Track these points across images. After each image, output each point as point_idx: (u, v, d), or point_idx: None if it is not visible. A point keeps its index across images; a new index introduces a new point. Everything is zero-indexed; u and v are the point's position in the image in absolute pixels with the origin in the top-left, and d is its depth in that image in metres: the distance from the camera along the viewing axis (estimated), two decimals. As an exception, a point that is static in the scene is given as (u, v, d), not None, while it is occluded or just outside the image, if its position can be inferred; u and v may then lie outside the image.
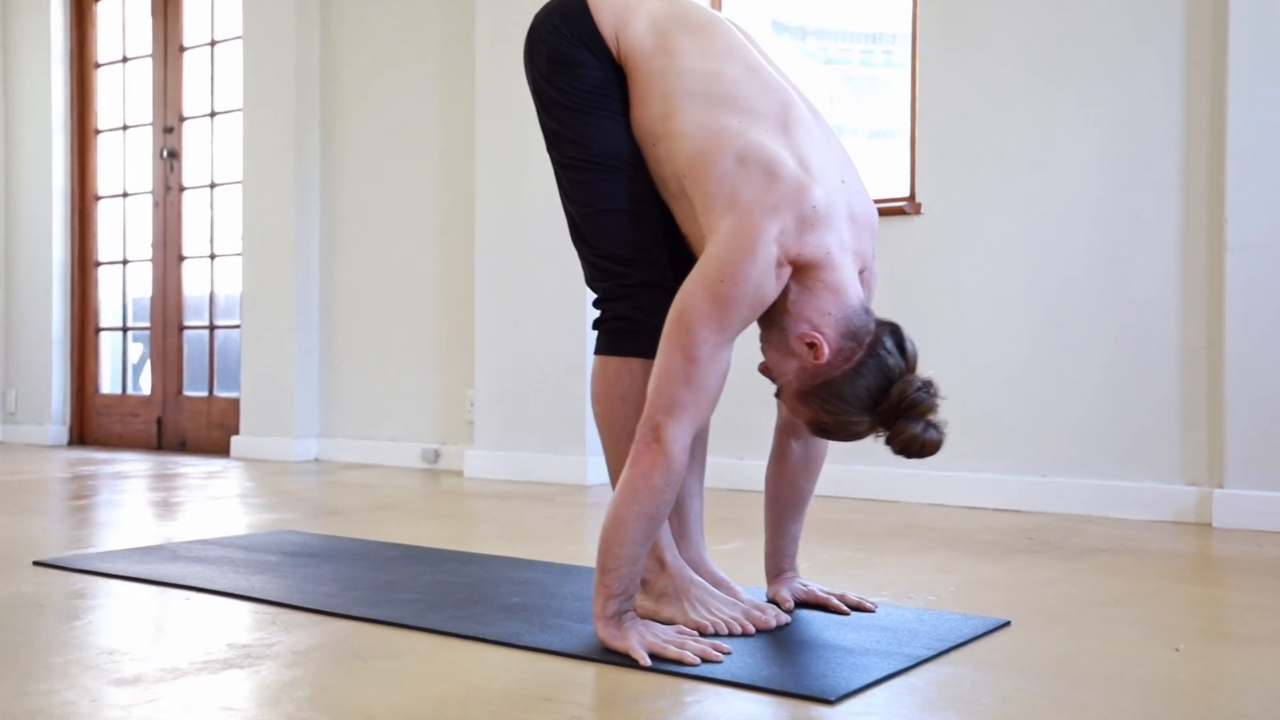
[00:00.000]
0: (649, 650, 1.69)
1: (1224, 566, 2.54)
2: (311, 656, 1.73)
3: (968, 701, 1.51)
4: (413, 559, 2.53)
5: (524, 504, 3.61)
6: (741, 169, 1.75)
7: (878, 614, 2.00)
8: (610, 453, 1.95)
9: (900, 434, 1.69)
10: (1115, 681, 1.60)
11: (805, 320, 1.74)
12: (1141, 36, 3.29)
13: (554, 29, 1.94)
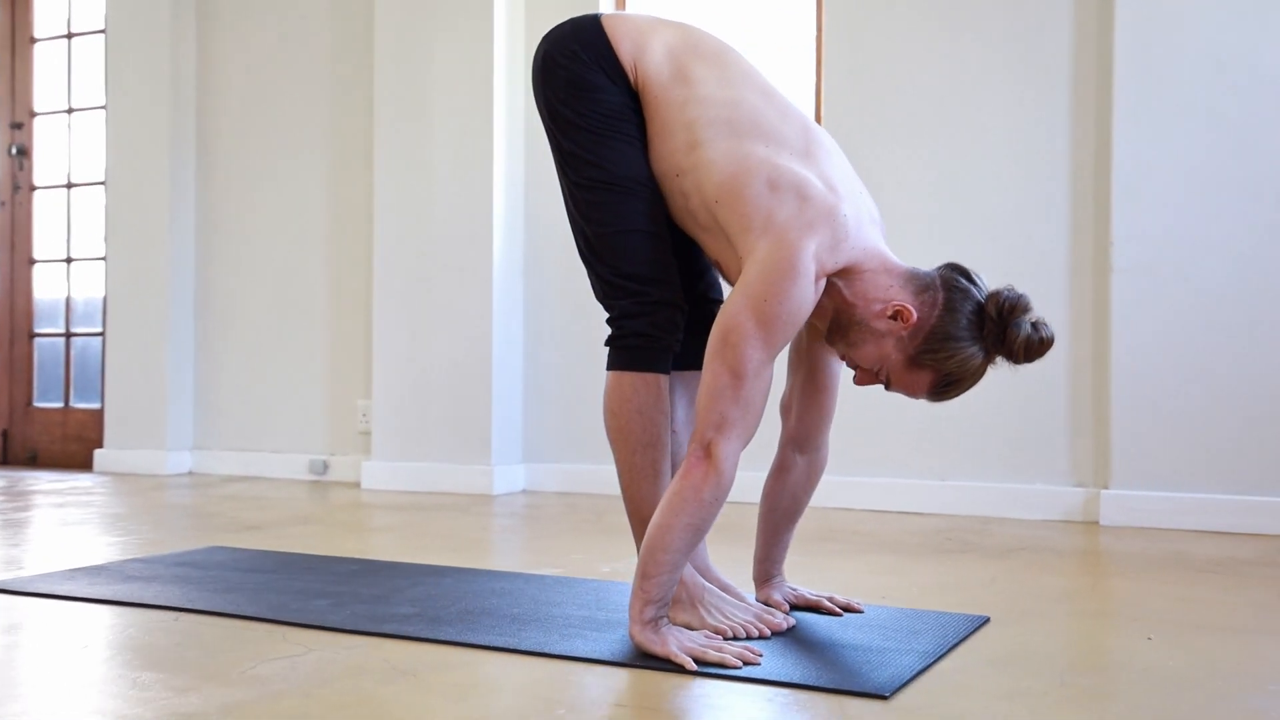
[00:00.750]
0: (689, 655, 1.76)
1: (1138, 561, 2.78)
2: (356, 675, 1.72)
3: (1009, 690, 1.64)
4: (379, 572, 2.51)
5: (445, 515, 3.61)
6: (774, 193, 1.83)
7: (868, 614, 2.12)
8: (625, 465, 2.01)
9: (1014, 341, 1.80)
10: (1122, 670, 1.76)
11: (876, 301, 1.84)
12: (1032, 72, 3.54)
13: (572, 54, 1.99)
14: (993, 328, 1.82)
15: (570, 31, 2.03)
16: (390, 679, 1.70)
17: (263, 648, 1.88)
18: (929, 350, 1.83)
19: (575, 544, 3.03)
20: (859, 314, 1.86)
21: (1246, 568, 2.68)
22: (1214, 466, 3.27)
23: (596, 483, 4.13)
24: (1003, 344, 1.82)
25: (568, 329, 4.24)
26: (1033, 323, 1.81)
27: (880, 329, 1.85)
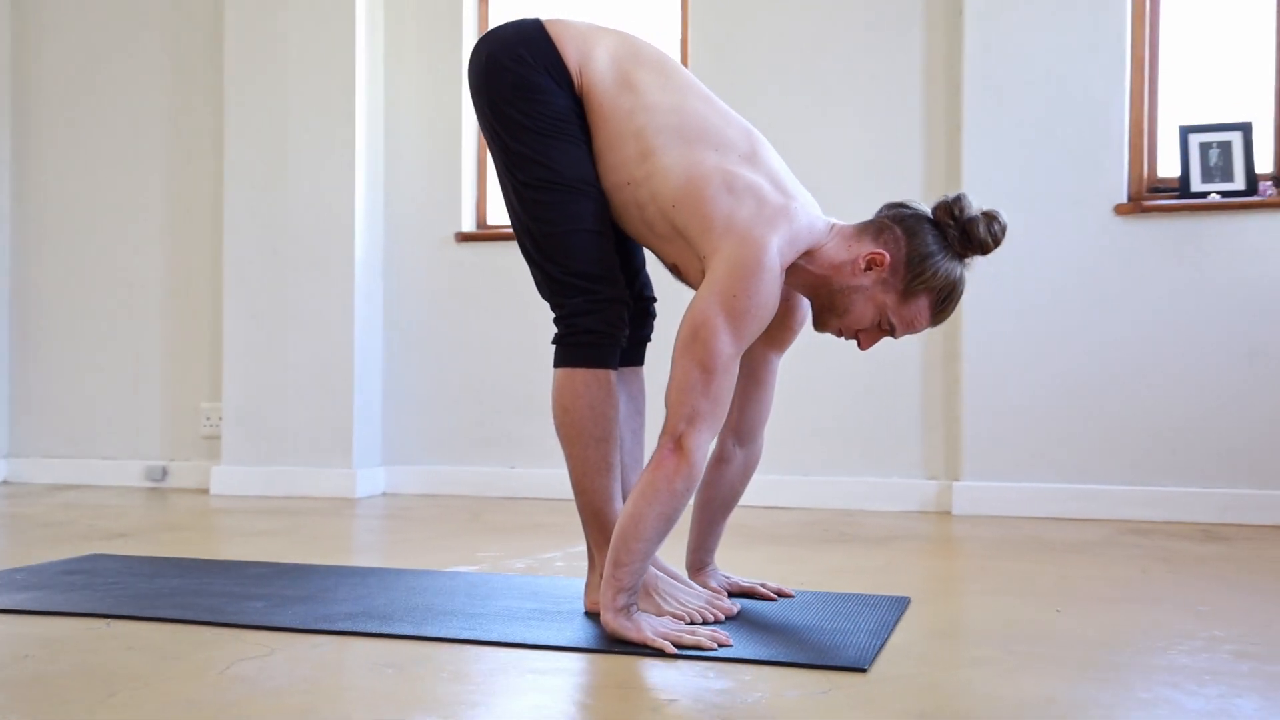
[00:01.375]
0: (667, 639, 1.82)
1: (1005, 546, 3.00)
2: (341, 671, 1.71)
3: (967, 659, 1.78)
4: (291, 574, 2.46)
5: (318, 518, 3.53)
6: (732, 195, 1.92)
7: (799, 599, 2.23)
8: (577, 460, 2.05)
9: (978, 235, 1.91)
10: (1050, 638, 1.94)
11: (845, 264, 1.94)
12: (888, 90, 3.77)
13: (518, 58, 2.02)
14: (954, 233, 1.93)
15: (514, 35, 2.06)
16: (377, 672, 1.70)
17: (227, 650, 1.83)
18: (915, 276, 1.93)
19: (472, 542, 3.03)
20: (836, 281, 1.96)
21: (1099, 548, 2.94)
22: (1054, 459, 3.56)
23: (458, 484, 4.12)
24: (971, 242, 1.93)
25: (428, 328, 4.21)
26: (983, 213, 1.93)
27: (863, 283, 1.95)
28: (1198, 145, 3.55)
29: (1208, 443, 3.45)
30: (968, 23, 3.64)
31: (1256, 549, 2.94)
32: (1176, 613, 2.15)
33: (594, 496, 2.06)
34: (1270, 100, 3.55)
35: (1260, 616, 2.13)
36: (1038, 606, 2.21)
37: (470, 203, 4.23)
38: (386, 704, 1.55)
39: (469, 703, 1.57)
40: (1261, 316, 3.42)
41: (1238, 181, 3.49)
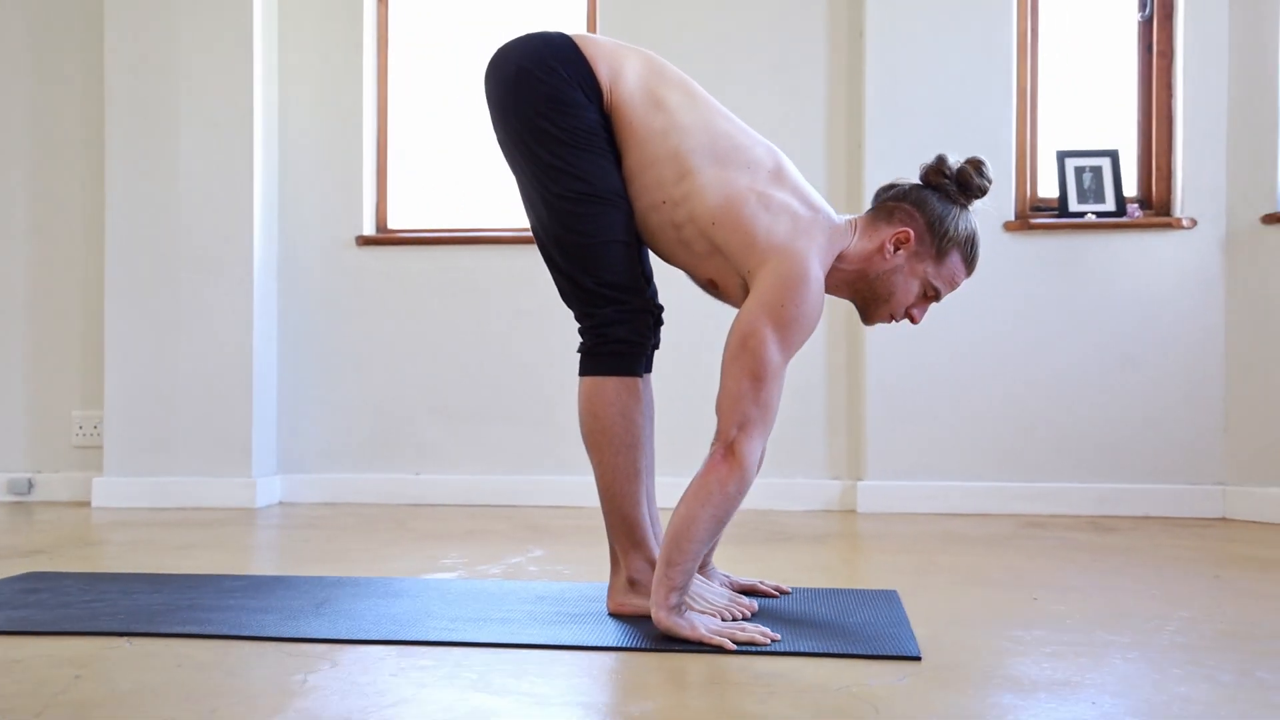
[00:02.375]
0: (722, 636, 1.89)
1: (927, 540, 3.20)
2: (433, 681, 1.70)
3: (998, 645, 1.92)
4: (268, 585, 2.39)
5: (234, 529, 3.41)
6: (769, 212, 2.01)
7: (796, 595, 2.34)
8: (607, 466, 2.10)
9: (973, 182, 2.05)
10: (1048, 621, 2.11)
11: (874, 253, 2.05)
12: (792, 113, 3.94)
13: (551, 70, 2.05)
14: (951, 187, 2.07)
15: (545, 48, 2.09)
16: (456, 676, 1.70)
17: (282, 663, 1.78)
18: (941, 237, 2.05)
19: (423, 549, 3.00)
20: (872, 271, 2.07)
21: (1012, 540, 3.18)
22: (950, 458, 3.81)
23: (359, 492, 4.05)
24: (969, 189, 2.06)
25: (326, 333, 4.12)
26: (969, 161, 2.07)
27: (898, 263, 2.06)
28: (1073, 169, 3.87)
29: (1088, 441, 3.77)
30: (869, 51, 3.85)
31: (1148, 538, 3.24)
32: (1138, 597, 2.37)
33: (623, 501, 2.11)
34: (1134, 130, 3.90)
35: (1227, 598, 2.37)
36: (1014, 594, 2.39)
37: (371, 206, 4.16)
38: (496, 703, 1.56)
39: (589, 704, 1.60)
40: (1133, 326, 3.76)
41: (1109, 203, 3.83)
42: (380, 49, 4.19)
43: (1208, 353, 3.75)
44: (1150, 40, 3.89)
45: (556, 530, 3.39)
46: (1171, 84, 3.85)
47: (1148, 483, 3.74)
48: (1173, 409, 3.76)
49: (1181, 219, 3.75)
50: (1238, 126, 3.74)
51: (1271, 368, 3.64)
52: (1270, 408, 3.64)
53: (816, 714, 1.54)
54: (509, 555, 2.90)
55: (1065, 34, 3.95)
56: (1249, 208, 3.71)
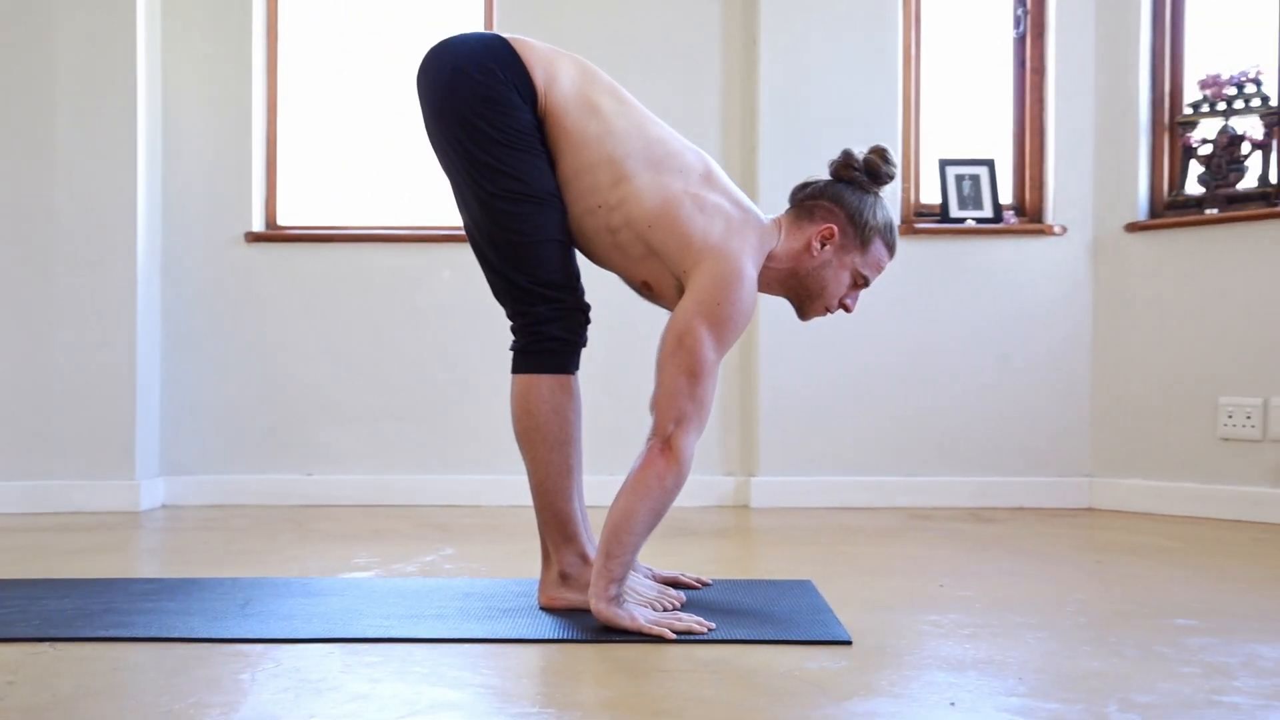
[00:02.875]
0: (660, 626, 1.94)
1: (829, 532, 3.31)
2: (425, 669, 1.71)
3: (920, 629, 2.02)
4: (197, 588, 2.34)
5: (124, 533, 3.30)
6: (703, 215, 2.06)
7: (717, 586, 2.41)
8: (540, 462, 2.13)
9: (882, 170, 2.15)
10: (960, 605, 2.22)
11: (800, 252, 2.13)
12: (689, 118, 4.02)
13: (488, 70, 2.07)
14: (863, 178, 2.16)
15: (481, 48, 2.11)
16: (407, 671, 1.71)
17: (222, 664, 1.76)
18: (863, 228, 2.14)
19: (332, 550, 2.97)
20: (802, 269, 2.14)
21: (910, 532, 3.32)
22: (839, 454, 3.94)
23: (247, 493, 3.96)
24: (879, 177, 2.16)
25: (213, 331, 4.02)
26: (873, 150, 2.17)
27: (825, 258, 2.14)
28: (954, 176, 4.05)
29: (967, 437, 3.95)
30: (762, 59, 3.95)
31: (1026, 527, 3.42)
32: (1034, 582, 2.52)
33: (556, 497, 2.14)
34: (1009, 141, 4.11)
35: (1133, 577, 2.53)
36: (920, 581, 2.50)
37: (260, 202, 4.08)
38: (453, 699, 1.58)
39: (547, 695, 1.63)
40: (1008, 327, 3.96)
41: (986, 210, 4.02)
42: (270, 39, 4.10)
43: (1076, 353, 3.97)
44: (1024, 56, 4.09)
45: (462, 529, 3.39)
46: (1043, 98, 4.06)
47: (1021, 475, 3.94)
48: (1044, 406, 3.97)
49: (1053, 226, 3.97)
50: (1103, 140, 3.97)
51: (1133, 367, 3.88)
52: (1132, 405, 3.88)
53: (769, 697, 1.61)
54: (421, 554, 2.90)
55: (946, 48, 4.13)
56: (1114, 216, 3.94)
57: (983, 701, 1.59)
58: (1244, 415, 3.62)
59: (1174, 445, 3.78)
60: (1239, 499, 3.62)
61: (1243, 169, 3.75)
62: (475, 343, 4.00)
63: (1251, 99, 3.74)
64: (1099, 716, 1.51)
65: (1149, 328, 3.86)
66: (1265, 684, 1.68)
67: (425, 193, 4.10)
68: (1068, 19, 4.00)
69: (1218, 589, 2.43)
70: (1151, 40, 3.91)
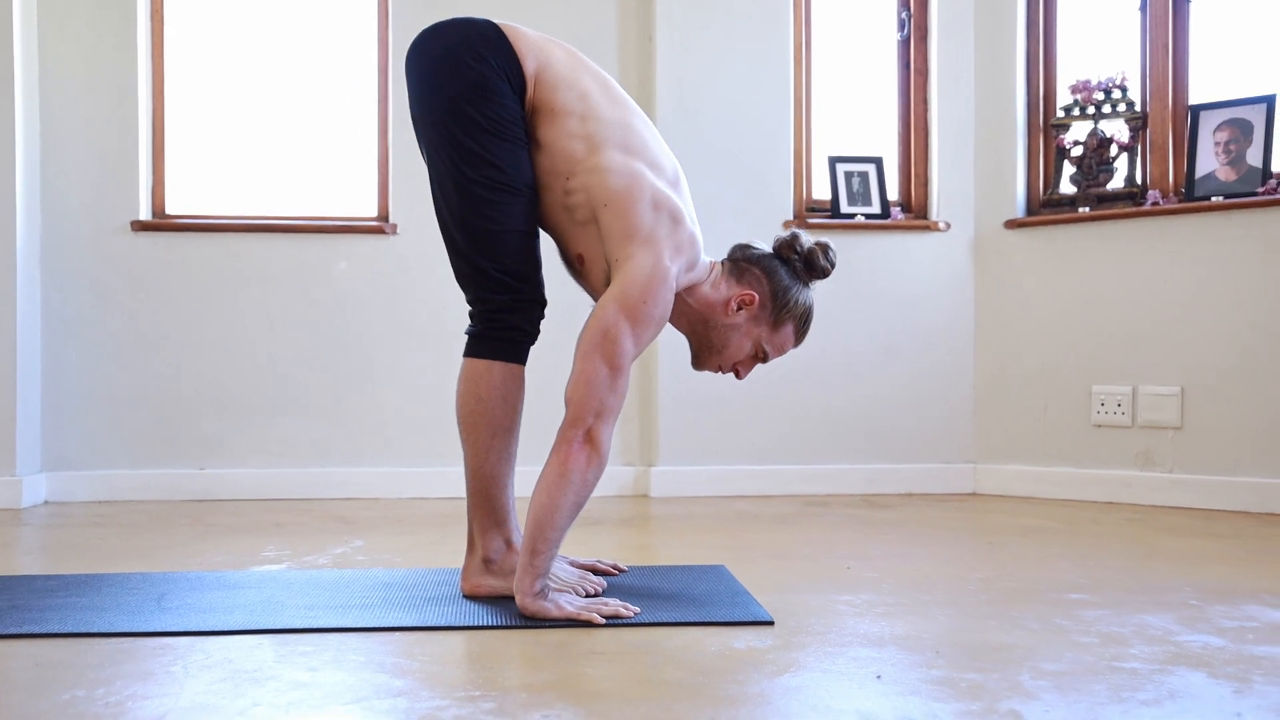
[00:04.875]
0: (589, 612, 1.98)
1: (732, 520, 3.39)
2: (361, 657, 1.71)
3: (835, 608, 2.10)
4: (104, 583, 2.29)
5: (8, 530, 3.19)
6: (656, 212, 2.09)
7: (633, 572, 2.46)
8: (481, 447, 2.14)
9: (819, 264, 2.21)
10: (868, 585, 2.32)
11: (718, 304, 2.18)
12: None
13: (480, 57, 2.08)
14: (800, 266, 2.22)
15: (474, 33, 2.11)
16: (352, 662, 1.72)
17: (147, 658, 1.74)
18: (780, 308, 2.20)
19: (240, 543, 2.92)
20: (712, 320, 2.19)
21: (807, 518, 3.42)
22: (735, 444, 4.03)
23: (135, 489, 3.86)
24: (814, 269, 2.22)
25: (97, 323, 3.90)
26: (817, 244, 2.24)
27: (737, 321, 2.20)
28: (843, 173, 4.18)
29: (857, 426, 4.08)
30: (659, 57, 4.02)
31: (917, 512, 3.56)
32: (934, 562, 2.63)
33: (491, 484, 2.16)
34: (895, 139, 4.26)
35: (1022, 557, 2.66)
36: (825, 564, 2.60)
37: (147, 190, 3.97)
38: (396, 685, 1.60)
39: (489, 680, 1.65)
40: (896, 319, 4.10)
41: (875, 206, 4.16)
42: (155, 20, 3.99)
43: (959, 344, 4.14)
44: (909, 58, 4.24)
45: (365, 521, 3.37)
46: (927, 99, 4.22)
47: (909, 463, 4.09)
48: (929, 395, 4.13)
49: (938, 222, 4.13)
50: (983, 140, 4.14)
51: (1013, 358, 4.07)
52: (1012, 394, 4.06)
53: (705, 675, 1.66)
54: (330, 546, 2.88)
55: (834, 50, 4.25)
56: (994, 213, 4.12)
57: (906, 674, 1.67)
58: (1115, 403, 3.83)
59: (1051, 432, 3.98)
60: (1111, 482, 3.83)
61: (1112, 169, 3.96)
62: (372, 335, 3.98)
63: (1118, 104, 3.95)
64: (1015, 685, 1.61)
65: (1028, 320, 4.05)
66: (1157, 650, 1.81)
67: (323, 182, 4.06)
68: (948, 23, 4.16)
69: (1101, 566, 2.59)
70: (1026, 46, 4.10)
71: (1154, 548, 2.88)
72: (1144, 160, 3.91)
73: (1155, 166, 3.88)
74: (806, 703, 1.54)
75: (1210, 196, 3.71)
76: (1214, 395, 3.67)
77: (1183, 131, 3.83)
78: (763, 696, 1.57)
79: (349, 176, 4.08)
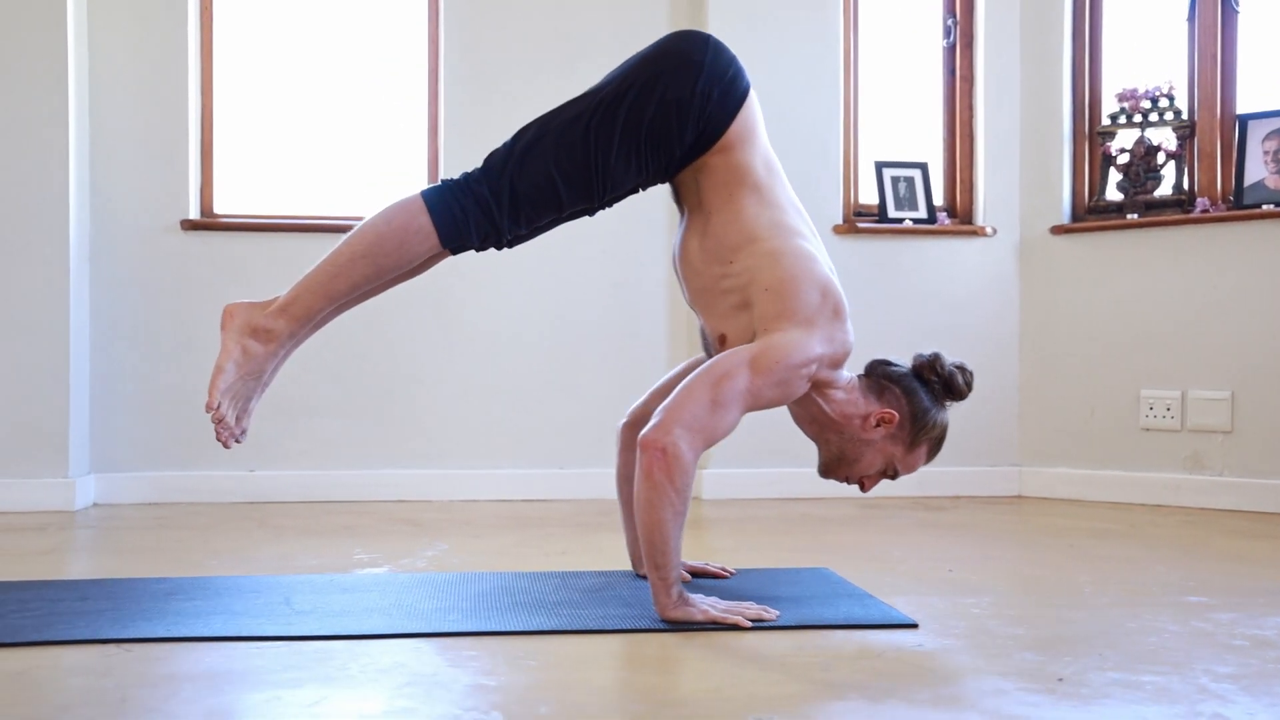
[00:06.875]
0: (734, 615, 1.99)
1: (797, 522, 3.40)
2: (535, 661, 1.70)
3: (966, 612, 2.12)
4: (232, 588, 2.26)
5: (73, 533, 3.15)
6: (823, 300, 2.08)
7: (740, 575, 2.46)
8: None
9: (959, 388, 2.20)
10: (983, 587, 2.34)
11: (856, 417, 2.16)
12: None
13: (707, 95, 2.08)
14: (939, 388, 2.22)
15: (733, 73, 2.14)
16: (517, 663, 1.71)
17: (315, 665, 1.73)
18: (918, 430, 2.19)
19: (326, 546, 2.90)
20: (848, 431, 2.17)
21: (870, 520, 3.44)
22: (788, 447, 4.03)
23: (183, 491, 3.82)
24: (952, 392, 2.22)
25: (146, 323, 3.85)
26: (956, 366, 2.23)
27: (874, 438, 2.17)
28: (890, 178, 4.21)
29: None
30: (713, 54, 4.02)
31: (972, 514, 3.59)
32: (1032, 566, 2.66)
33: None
34: (940, 145, 4.29)
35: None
36: (920, 567, 2.61)
37: (195, 189, 3.93)
38: (597, 688, 1.59)
39: (669, 687, 1.65)
40: (943, 323, 4.13)
41: (921, 210, 4.19)
42: (204, 18, 3.95)
43: (1004, 347, 4.18)
44: (954, 65, 4.28)
45: (432, 524, 3.35)
46: (972, 105, 4.25)
47: (956, 465, 4.11)
48: (974, 398, 4.11)
49: (984, 227, 4.16)
50: (1028, 147, 4.19)
51: (1058, 362, 4.11)
52: (1057, 397, 4.11)
53: (892, 678, 1.67)
54: (415, 549, 2.86)
55: (881, 56, 4.28)
56: (1040, 219, 4.16)
57: (1085, 677, 1.69)
58: (1164, 407, 3.89)
59: (1098, 435, 4.03)
60: (1159, 485, 3.88)
61: (1159, 177, 4.01)
62: (420, 336, 3.96)
63: (1165, 112, 4.00)
64: (1200, 688, 1.63)
65: (1073, 325, 4.09)
66: (1307, 652, 1.84)
67: (372, 183, 4.03)
68: (994, 31, 4.20)
69: (1194, 568, 2.62)
70: (1072, 54, 4.15)
71: (1228, 551, 2.91)
72: (1191, 168, 3.97)
73: (1203, 174, 3.94)
74: (1012, 711, 1.55)
75: (1260, 204, 3.77)
76: (1265, 399, 3.73)
77: (1231, 140, 3.89)
78: (964, 700, 1.58)
79: (397, 177, 4.05)
